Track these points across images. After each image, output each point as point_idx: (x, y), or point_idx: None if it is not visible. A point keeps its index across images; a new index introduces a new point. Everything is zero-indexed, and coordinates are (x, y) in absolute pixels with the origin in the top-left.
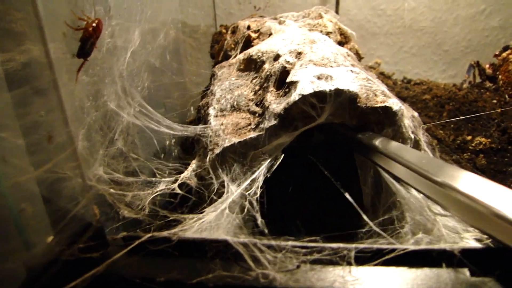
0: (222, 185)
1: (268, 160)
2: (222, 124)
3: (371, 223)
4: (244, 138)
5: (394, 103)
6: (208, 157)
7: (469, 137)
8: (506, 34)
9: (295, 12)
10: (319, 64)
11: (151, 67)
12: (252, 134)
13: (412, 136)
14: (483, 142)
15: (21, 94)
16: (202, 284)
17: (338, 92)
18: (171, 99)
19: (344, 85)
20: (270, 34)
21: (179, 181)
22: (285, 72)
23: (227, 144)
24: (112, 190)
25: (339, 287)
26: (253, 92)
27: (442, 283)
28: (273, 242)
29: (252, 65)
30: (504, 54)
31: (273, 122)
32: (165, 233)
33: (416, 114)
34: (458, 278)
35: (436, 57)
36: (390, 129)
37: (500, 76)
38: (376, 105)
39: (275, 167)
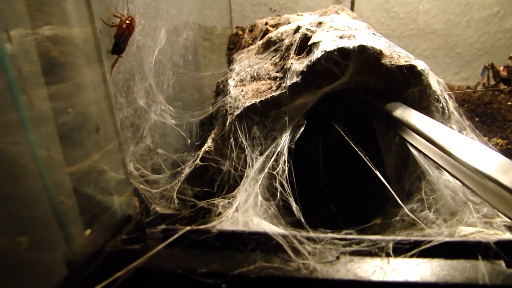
0: (241, 151)
1: (291, 129)
2: (242, 91)
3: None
4: (266, 97)
5: (419, 63)
6: (228, 121)
7: (485, 138)
8: None
9: (312, 12)
10: (341, 29)
11: (176, 66)
12: (274, 93)
13: (441, 97)
14: (500, 143)
15: (69, 87)
16: (243, 276)
17: (361, 49)
18: (191, 98)
19: (367, 42)
20: (289, 24)
21: (200, 155)
22: (306, 39)
23: (248, 104)
24: (142, 186)
25: (378, 278)
26: (273, 65)
27: (478, 274)
28: (312, 234)
29: (271, 46)
30: None
31: (295, 79)
32: (203, 226)
33: (441, 79)
34: (495, 270)
35: (449, 60)
36: (416, 89)
37: None
38: (401, 64)
39: (298, 135)
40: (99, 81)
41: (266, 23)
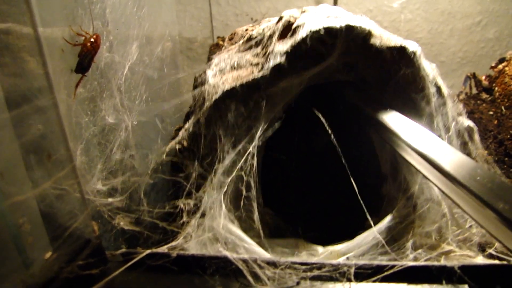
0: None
1: (270, 119)
2: (221, 78)
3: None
4: (247, 80)
5: (411, 44)
6: (204, 107)
7: None
8: (502, 46)
9: None
10: (326, 13)
11: (149, 80)
12: (256, 76)
13: (434, 81)
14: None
15: (21, 113)
16: None
17: (349, 28)
18: (168, 111)
19: (355, 23)
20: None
21: (168, 148)
22: (289, 25)
23: (227, 87)
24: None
25: None
26: (255, 55)
27: None
28: (272, 258)
29: (252, 43)
30: (500, 66)
31: (279, 59)
32: (164, 248)
33: (433, 65)
34: None
35: None
36: (408, 71)
37: (496, 88)
38: (391, 45)
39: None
40: (49, 106)
41: (247, 30)
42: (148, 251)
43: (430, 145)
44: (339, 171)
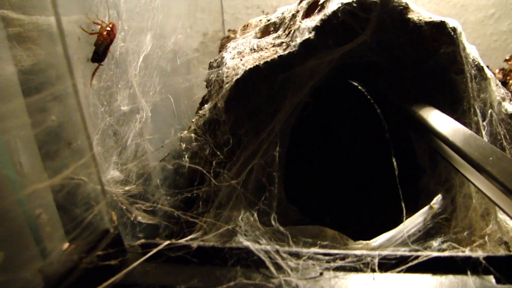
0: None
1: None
2: (241, 60)
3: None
4: (272, 57)
5: (451, 20)
6: (223, 90)
7: None
8: None
9: None
10: None
11: (163, 72)
12: (283, 53)
13: (475, 61)
14: None
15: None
16: None
17: (384, 0)
18: (181, 103)
19: None
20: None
21: (183, 135)
22: (315, 2)
23: (249, 66)
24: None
25: None
26: (276, 37)
27: None
28: (294, 249)
29: (271, 27)
30: None
31: (307, 35)
32: (183, 241)
33: (473, 46)
34: (484, 286)
35: None
36: (449, 49)
37: (510, 81)
38: (430, 20)
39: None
40: (69, 93)
41: (260, 20)
42: (168, 242)
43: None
44: (370, 165)
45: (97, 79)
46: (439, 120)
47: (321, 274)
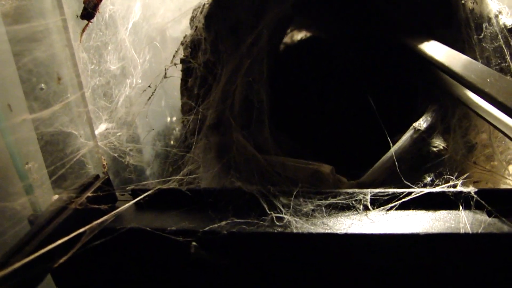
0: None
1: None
2: None
3: None
4: None
5: None
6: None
7: None
8: None
9: None
10: None
11: (152, 41)
12: None
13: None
14: None
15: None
16: (215, 232)
17: None
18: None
19: None
20: None
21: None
22: None
23: None
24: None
25: (355, 231)
26: None
27: (460, 223)
28: (286, 188)
29: None
30: None
31: None
32: (173, 185)
33: None
34: (476, 219)
35: None
36: None
37: None
38: None
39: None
40: (58, 28)
41: None
42: (157, 187)
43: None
44: (363, 95)
45: (87, 38)
46: (433, 48)
47: (313, 211)
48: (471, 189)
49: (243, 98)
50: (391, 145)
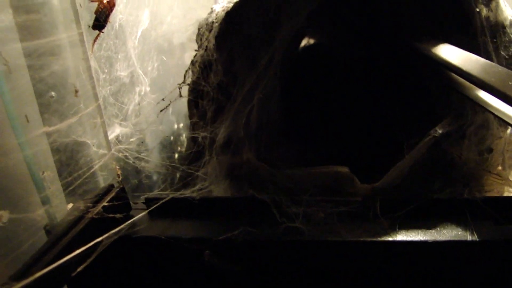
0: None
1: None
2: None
3: None
4: None
5: None
6: (213, 29)
7: None
8: None
9: None
10: None
11: (160, 49)
12: None
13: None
14: None
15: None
16: (229, 240)
17: None
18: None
19: None
20: None
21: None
22: None
23: None
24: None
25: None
26: None
27: (467, 231)
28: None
29: None
30: None
31: None
32: (187, 192)
33: None
34: (483, 227)
35: None
36: None
37: None
38: None
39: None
40: (76, 42)
41: None
42: (171, 196)
43: None
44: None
45: (98, 48)
46: (449, 52)
47: (325, 219)
48: (478, 196)
49: (258, 116)
50: (405, 151)
